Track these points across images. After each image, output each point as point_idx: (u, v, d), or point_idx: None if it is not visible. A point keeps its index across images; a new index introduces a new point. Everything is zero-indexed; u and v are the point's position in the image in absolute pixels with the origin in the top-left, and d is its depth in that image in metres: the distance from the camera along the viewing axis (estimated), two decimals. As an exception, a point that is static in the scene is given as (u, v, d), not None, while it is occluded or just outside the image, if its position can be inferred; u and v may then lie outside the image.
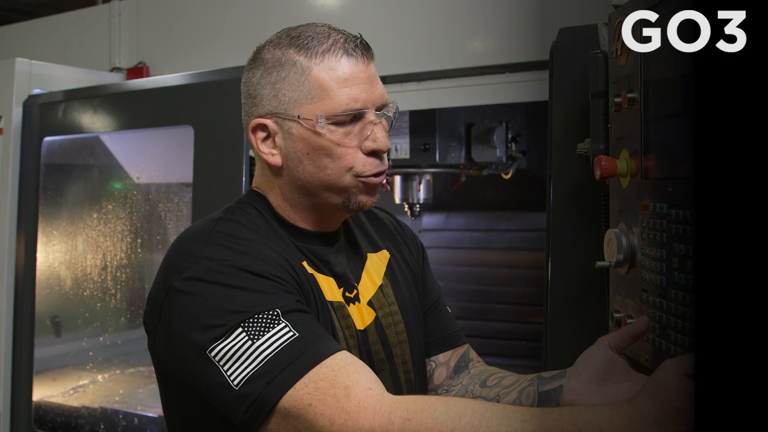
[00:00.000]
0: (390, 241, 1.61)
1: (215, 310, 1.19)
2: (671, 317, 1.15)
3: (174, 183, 2.77)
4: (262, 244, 1.32)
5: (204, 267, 1.24)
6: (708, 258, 0.82)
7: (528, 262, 2.93)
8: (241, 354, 1.14)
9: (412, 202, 2.86)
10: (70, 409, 2.75)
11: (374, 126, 1.34)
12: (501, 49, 2.31)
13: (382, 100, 1.37)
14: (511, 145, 2.76)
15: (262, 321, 1.16)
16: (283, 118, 1.35)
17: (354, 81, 1.33)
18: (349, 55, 1.33)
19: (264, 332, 1.15)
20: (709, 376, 0.81)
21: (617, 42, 1.37)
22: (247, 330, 1.15)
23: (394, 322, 1.49)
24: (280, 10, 2.74)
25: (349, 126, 1.33)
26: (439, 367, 1.59)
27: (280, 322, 1.16)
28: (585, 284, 1.72)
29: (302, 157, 1.35)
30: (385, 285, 1.52)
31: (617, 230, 1.36)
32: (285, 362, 1.13)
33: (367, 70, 1.36)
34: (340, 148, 1.33)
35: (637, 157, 1.29)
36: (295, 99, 1.33)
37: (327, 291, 1.38)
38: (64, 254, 2.88)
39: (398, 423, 1.07)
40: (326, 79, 1.32)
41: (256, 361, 1.13)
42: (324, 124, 1.32)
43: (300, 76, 1.33)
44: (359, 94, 1.33)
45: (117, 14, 3.21)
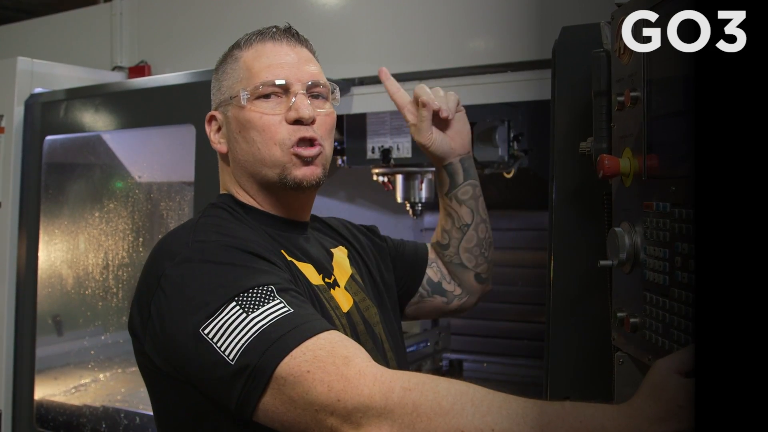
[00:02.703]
0: (345, 241, 1.67)
1: (210, 287, 1.19)
2: (674, 316, 1.15)
3: (176, 182, 2.77)
4: (247, 231, 1.37)
5: (197, 248, 1.27)
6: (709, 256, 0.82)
7: (530, 261, 2.93)
8: (236, 327, 1.13)
9: (413, 201, 2.86)
10: (72, 408, 2.75)
11: (296, 97, 1.41)
12: (503, 48, 2.31)
13: (311, 78, 1.44)
14: (512, 144, 2.75)
15: (257, 296, 1.16)
16: (224, 105, 1.46)
17: (277, 59, 1.43)
18: (274, 41, 1.46)
19: (259, 306, 1.15)
20: (712, 374, 0.81)
21: (620, 40, 1.37)
22: (241, 303, 1.15)
23: (367, 306, 1.55)
24: (282, 9, 2.74)
25: (274, 100, 1.41)
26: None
27: (275, 298, 1.16)
28: (587, 283, 1.72)
29: (237, 137, 1.44)
30: (354, 274, 1.59)
31: (620, 229, 1.35)
32: (281, 332, 1.12)
33: (293, 53, 1.46)
34: (265, 118, 1.40)
35: (640, 155, 1.28)
36: (229, 86, 1.46)
37: (309, 276, 1.41)
38: (65, 253, 2.88)
39: (398, 392, 1.06)
40: (251, 60, 1.44)
41: (251, 332, 1.12)
42: (246, 98, 1.41)
43: (234, 65, 1.46)
44: (280, 71, 1.42)
45: (119, 13, 3.21)
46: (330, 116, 1.47)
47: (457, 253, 1.79)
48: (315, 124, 1.42)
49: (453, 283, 1.81)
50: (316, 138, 1.42)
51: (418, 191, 2.84)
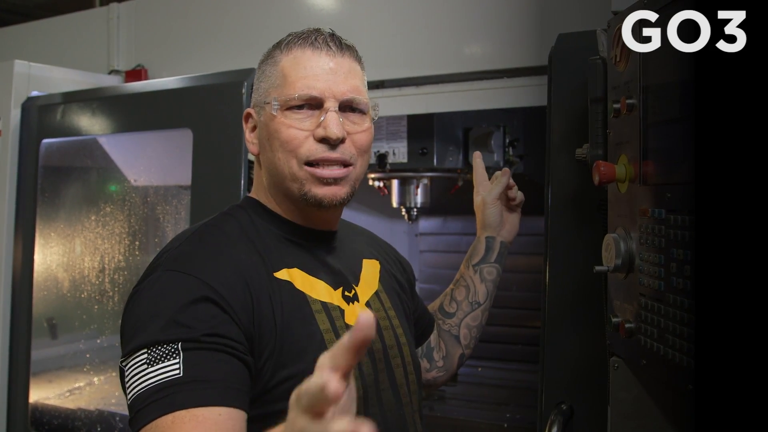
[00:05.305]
0: (380, 256, 1.65)
1: (142, 322, 1.24)
2: (669, 322, 1.16)
3: (172, 186, 2.77)
4: (226, 255, 1.34)
5: (155, 276, 1.29)
6: (707, 261, 0.82)
7: (525, 266, 2.93)
8: (137, 374, 1.19)
9: (409, 206, 2.86)
10: (67, 411, 2.74)
11: (327, 114, 1.36)
12: (499, 53, 2.32)
13: (347, 94, 1.39)
14: (508, 150, 2.76)
15: (163, 351, 1.19)
16: (259, 107, 1.43)
17: (313, 70, 1.38)
18: (314, 48, 1.40)
19: (160, 361, 1.18)
20: (709, 378, 0.82)
21: (616, 48, 1.38)
22: (149, 354, 1.19)
23: (393, 326, 1.51)
24: (278, 14, 2.75)
25: (305, 113, 1.38)
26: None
27: (176, 357, 1.18)
28: (583, 289, 1.73)
29: (266, 143, 1.41)
30: (381, 291, 1.55)
31: (616, 235, 1.36)
32: (155, 398, 1.16)
33: (333, 63, 1.40)
34: (291, 131, 1.37)
35: (636, 162, 1.29)
36: (266, 89, 1.42)
37: (316, 293, 1.39)
38: (61, 256, 2.88)
39: None
40: (288, 68, 1.39)
41: (142, 386, 1.18)
42: (277, 107, 1.37)
43: (272, 68, 1.42)
44: (316, 83, 1.37)
45: (115, 17, 3.21)
46: (366, 133, 1.43)
47: (458, 326, 1.78)
48: (346, 142, 1.39)
49: (440, 354, 1.79)
50: (345, 160, 1.39)
51: (414, 196, 2.84)
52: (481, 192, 1.83)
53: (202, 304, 1.23)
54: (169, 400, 1.15)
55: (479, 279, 1.80)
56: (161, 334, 1.19)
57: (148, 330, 1.21)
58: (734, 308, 0.81)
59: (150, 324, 1.22)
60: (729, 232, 0.82)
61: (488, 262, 1.81)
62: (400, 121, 2.64)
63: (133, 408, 1.18)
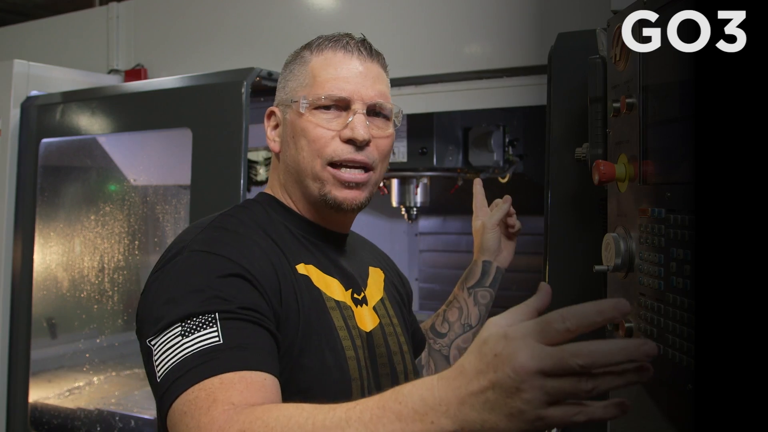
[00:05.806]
0: (384, 266, 1.66)
1: (171, 298, 1.21)
2: (669, 321, 1.15)
3: (171, 185, 2.77)
4: (255, 238, 1.34)
5: (183, 257, 1.27)
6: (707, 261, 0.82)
7: (524, 265, 2.92)
8: (170, 348, 1.16)
9: (409, 206, 2.86)
10: (66, 410, 2.74)
11: (354, 116, 1.38)
12: (499, 53, 2.32)
13: (374, 98, 1.41)
14: (508, 149, 2.76)
15: (199, 322, 1.17)
16: (285, 105, 1.44)
17: (343, 72, 1.40)
18: (345, 51, 1.41)
19: (196, 330, 1.16)
20: (709, 378, 0.82)
21: (616, 47, 1.38)
22: (183, 327, 1.17)
23: (396, 333, 1.53)
24: (278, 14, 2.75)
25: (332, 113, 1.39)
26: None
27: (213, 326, 1.16)
28: (583, 288, 1.73)
29: (289, 141, 1.42)
30: (385, 299, 1.56)
31: (615, 234, 1.36)
32: (195, 364, 1.13)
33: (363, 67, 1.41)
34: (318, 130, 1.38)
35: (636, 161, 1.29)
36: (294, 88, 1.43)
37: (330, 291, 1.39)
38: (60, 256, 2.88)
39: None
40: (318, 68, 1.40)
41: (177, 357, 1.15)
42: (305, 105, 1.38)
43: (302, 68, 1.43)
44: (346, 85, 1.39)
45: (115, 16, 3.21)
46: (388, 139, 1.45)
47: (448, 347, 1.80)
48: (370, 146, 1.40)
49: (429, 373, 1.78)
50: (368, 163, 1.40)
51: (414, 195, 2.84)
52: (480, 217, 1.87)
53: (236, 279, 1.22)
54: (214, 364, 1.13)
55: (473, 302, 1.82)
56: (197, 307, 1.18)
57: (181, 305, 1.19)
58: (734, 308, 0.81)
59: (183, 300, 1.20)
60: (729, 232, 0.82)
61: (483, 286, 1.83)
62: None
63: (168, 378, 1.14)
